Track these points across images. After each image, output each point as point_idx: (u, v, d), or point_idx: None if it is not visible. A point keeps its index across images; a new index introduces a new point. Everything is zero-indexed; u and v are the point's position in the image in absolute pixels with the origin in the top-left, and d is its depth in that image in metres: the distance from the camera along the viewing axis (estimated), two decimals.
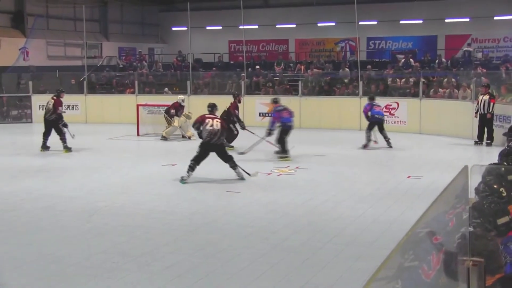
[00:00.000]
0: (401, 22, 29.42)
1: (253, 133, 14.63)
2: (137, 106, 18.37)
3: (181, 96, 16.89)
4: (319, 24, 30.98)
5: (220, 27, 32.11)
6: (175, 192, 10.19)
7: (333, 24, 30.45)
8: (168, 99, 18.28)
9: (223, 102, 19.04)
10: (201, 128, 10.96)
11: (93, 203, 9.25)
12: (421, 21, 28.93)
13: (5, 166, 12.86)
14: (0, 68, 25.69)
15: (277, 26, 31.68)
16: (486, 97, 15.05)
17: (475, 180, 4.28)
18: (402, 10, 29.20)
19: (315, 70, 23.05)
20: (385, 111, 18.25)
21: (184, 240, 7.56)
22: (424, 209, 2.73)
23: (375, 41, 30.85)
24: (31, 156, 14.33)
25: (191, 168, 10.86)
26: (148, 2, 35.08)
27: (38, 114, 19.84)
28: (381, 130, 15.05)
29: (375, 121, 14.96)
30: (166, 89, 22.17)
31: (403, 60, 23.18)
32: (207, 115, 11.18)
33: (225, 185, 10.63)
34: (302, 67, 24.21)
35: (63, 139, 14.25)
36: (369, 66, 23.10)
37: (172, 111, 16.53)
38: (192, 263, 6.64)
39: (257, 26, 30.06)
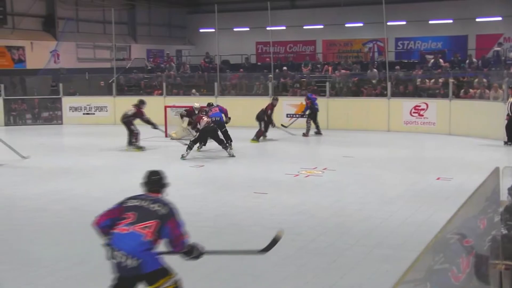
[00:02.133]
0: (430, 22, 29.08)
1: (286, 130, 16.13)
2: (165, 107, 18.50)
3: (196, 104, 16.96)
4: (346, 25, 30.81)
5: (248, 29, 32.16)
6: (201, 193, 10.19)
7: (361, 24, 30.25)
8: (196, 101, 18.31)
9: (250, 104, 19.17)
10: (198, 127, 13.76)
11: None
12: (451, 21, 28.55)
13: (35, 166, 13.02)
14: (32, 70, 26.12)
15: (304, 27, 31.60)
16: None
17: (506, 182, 4.18)
18: (431, 10, 28.86)
19: (342, 71, 22.90)
20: (414, 112, 18.10)
21: (210, 241, 7.52)
22: (454, 212, 2.66)
23: (404, 42, 30.55)
24: (60, 157, 14.52)
25: (189, 147, 13.69)
26: (175, 4, 35.31)
27: (68, 116, 20.13)
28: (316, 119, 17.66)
29: (316, 112, 17.50)
30: (193, 90, 22.24)
31: (432, 61, 22.88)
32: (202, 116, 14.02)
33: (253, 186, 10.59)
34: (330, 68, 24.08)
35: (136, 138, 15.14)
36: (397, 67, 22.87)
37: (184, 112, 16.63)
38: (218, 264, 6.61)
39: (284, 27, 30.04)
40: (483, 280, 2.96)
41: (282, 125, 17.86)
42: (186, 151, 13.60)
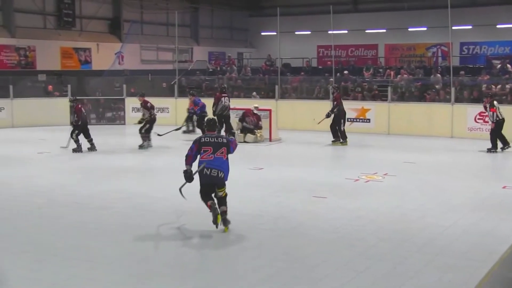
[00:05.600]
0: (498, 26, 28.23)
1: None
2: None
3: (255, 105, 17.03)
4: (410, 29, 30.34)
5: (309, 32, 32.10)
6: (260, 196, 10.20)
7: (425, 29, 29.70)
8: (256, 103, 18.38)
9: (311, 107, 19.11)
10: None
11: (180, 205, 9.42)
12: None
13: (98, 165, 13.37)
14: (98, 71, 26.86)
15: (366, 31, 31.29)
16: None
17: None
18: (499, 14, 28.03)
19: (405, 75, 22.52)
20: (478, 119, 17.60)
21: (269, 244, 7.55)
22: None
23: (469, 46, 29.81)
24: (122, 156, 14.86)
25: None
26: (237, 7, 35.61)
27: (131, 116, 20.57)
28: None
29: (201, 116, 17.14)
30: (254, 93, 22.36)
31: (499, 66, 22.21)
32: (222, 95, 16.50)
33: (312, 190, 10.54)
34: (392, 73, 23.72)
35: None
36: (462, 72, 22.29)
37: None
38: (277, 267, 6.61)
39: (346, 31, 29.83)
40: None
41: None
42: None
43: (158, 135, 16.22)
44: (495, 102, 15.14)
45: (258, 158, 14.53)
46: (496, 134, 14.99)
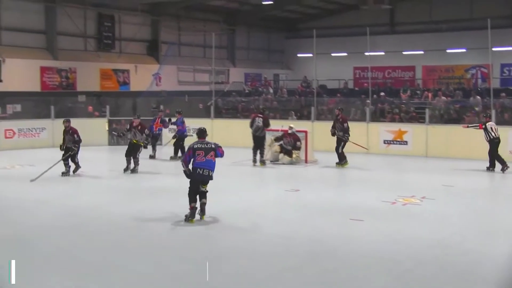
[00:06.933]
0: None
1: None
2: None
3: (292, 125, 16.98)
4: (448, 51, 29.99)
5: (345, 54, 32.03)
6: (297, 218, 10.12)
7: (464, 50, 29.33)
8: (291, 124, 18.33)
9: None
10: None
11: (214, 225, 9.42)
12: None
13: (136, 185, 13.49)
14: (136, 92, 27.25)
15: (403, 53, 31.06)
16: None
17: None
18: None
19: (443, 97, 22.23)
20: None
21: (304, 267, 7.46)
22: None
23: (510, 68, 29.29)
24: (159, 176, 14.95)
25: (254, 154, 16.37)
26: (274, 29, 35.83)
27: (167, 136, 20.69)
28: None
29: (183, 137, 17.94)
30: (292, 112, 22.38)
31: None
32: (257, 115, 16.55)
33: (348, 213, 10.41)
34: (430, 94, 23.46)
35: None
36: (503, 94, 21.89)
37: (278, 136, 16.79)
38: None
39: (383, 53, 29.65)
40: None
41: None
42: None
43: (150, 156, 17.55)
44: (488, 123, 15.41)
45: (295, 180, 14.45)
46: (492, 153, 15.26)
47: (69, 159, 14.41)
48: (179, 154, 17.46)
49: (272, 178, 15.10)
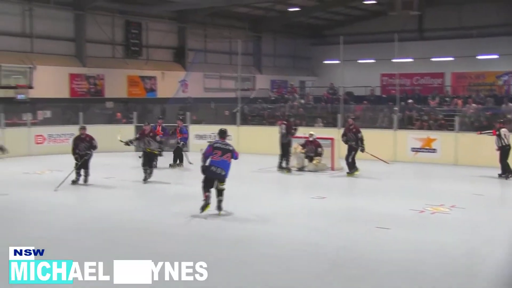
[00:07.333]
0: None
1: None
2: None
3: (312, 133, 16.83)
4: (478, 57, 29.53)
5: (373, 61, 31.79)
6: (323, 225, 9.99)
7: (496, 56, 28.86)
8: (319, 132, 18.21)
9: (373, 136, 18.73)
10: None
11: (239, 231, 9.34)
12: None
13: (162, 191, 13.51)
14: (162, 99, 27.40)
15: (432, 59, 30.69)
16: None
17: None
18: None
19: (473, 104, 21.85)
20: None
21: (330, 275, 7.33)
22: None
23: None
24: (182, 183, 14.94)
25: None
26: (300, 36, 35.75)
27: (194, 143, 20.72)
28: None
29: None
30: (319, 119, 22.25)
31: None
32: (282, 122, 16.82)
33: (375, 221, 10.23)
34: (459, 102, 23.10)
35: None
36: None
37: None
38: None
39: (411, 59, 29.33)
40: None
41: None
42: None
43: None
44: (502, 129, 15.29)
45: (321, 187, 14.31)
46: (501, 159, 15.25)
47: (81, 168, 14.07)
48: (177, 162, 17.89)
49: (298, 186, 14.98)
